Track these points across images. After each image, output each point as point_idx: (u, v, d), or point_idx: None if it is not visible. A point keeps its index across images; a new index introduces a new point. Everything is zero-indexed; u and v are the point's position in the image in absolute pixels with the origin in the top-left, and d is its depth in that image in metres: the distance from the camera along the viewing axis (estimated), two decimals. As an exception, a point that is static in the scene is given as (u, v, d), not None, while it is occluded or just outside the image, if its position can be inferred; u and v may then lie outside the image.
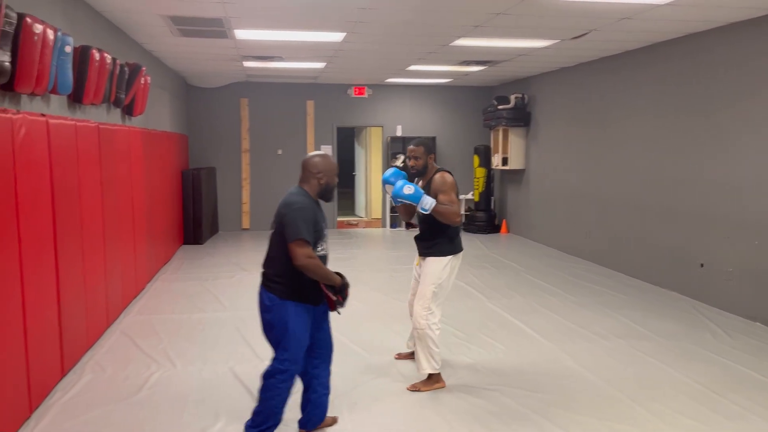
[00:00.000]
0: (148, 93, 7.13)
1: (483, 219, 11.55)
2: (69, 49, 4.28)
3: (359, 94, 11.82)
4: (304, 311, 3.27)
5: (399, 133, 12.19)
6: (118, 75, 5.82)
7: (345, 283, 3.31)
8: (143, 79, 6.73)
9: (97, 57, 4.99)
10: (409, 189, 3.93)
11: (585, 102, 8.86)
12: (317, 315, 3.38)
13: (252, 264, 8.37)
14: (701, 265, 6.43)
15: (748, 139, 5.85)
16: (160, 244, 7.97)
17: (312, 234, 3.18)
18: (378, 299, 6.54)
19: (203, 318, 5.84)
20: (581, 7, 5.44)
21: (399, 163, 11.76)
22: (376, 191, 12.67)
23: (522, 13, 5.63)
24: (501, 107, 10.77)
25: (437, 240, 4.15)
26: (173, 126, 9.69)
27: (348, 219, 12.95)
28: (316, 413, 3.49)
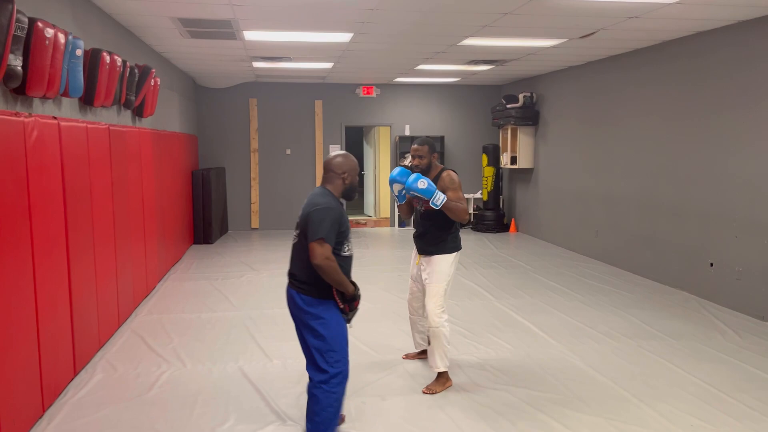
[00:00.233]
0: (157, 94, 7.19)
1: (492, 218, 11.54)
2: (80, 53, 4.33)
3: (367, 93, 11.83)
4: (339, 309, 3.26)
5: (407, 133, 12.20)
6: (128, 77, 5.87)
7: (356, 295, 3.26)
8: (153, 81, 6.78)
9: (108, 60, 5.04)
10: (423, 183, 3.98)
11: (594, 100, 8.83)
12: None
13: (261, 263, 8.43)
14: (711, 265, 6.41)
15: (758, 138, 5.82)
16: (170, 244, 8.04)
17: (334, 235, 3.15)
18: (386, 298, 6.56)
19: (213, 317, 5.88)
20: (589, 7, 5.43)
21: (407, 162, 11.77)
22: (384, 190, 12.69)
23: (530, 13, 5.64)
24: (510, 106, 10.75)
25: (443, 237, 4.23)
26: (183, 127, 9.76)
27: (356, 218, 12.98)
28: None
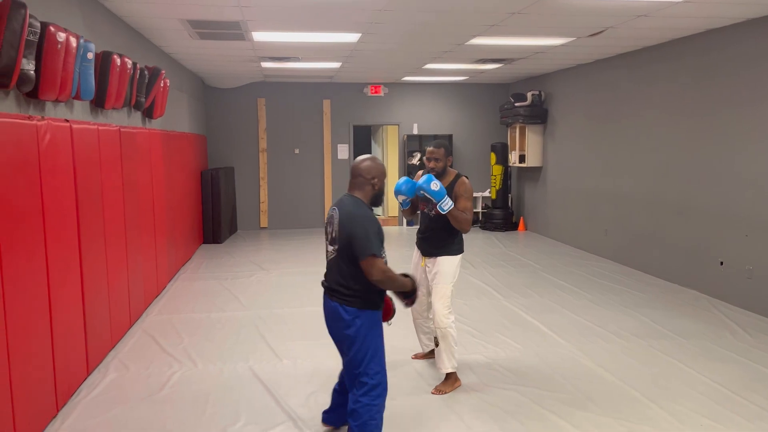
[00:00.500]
0: (167, 95, 7.24)
1: (500, 216, 11.53)
2: (91, 56, 4.37)
3: (375, 92, 11.83)
4: (379, 319, 3.24)
5: (415, 131, 12.20)
6: (138, 79, 5.92)
7: (415, 287, 3.25)
8: (163, 82, 6.83)
9: (118, 62, 5.08)
10: (436, 185, 4.01)
11: (602, 99, 8.80)
12: None
13: (271, 263, 8.46)
14: (721, 263, 6.38)
15: (767, 136, 5.78)
16: (180, 243, 8.09)
17: (381, 245, 3.10)
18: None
19: (223, 317, 5.92)
20: (597, 6, 5.42)
21: (416, 161, 11.78)
22: (392, 189, 12.65)
23: (538, 13, 5.63)
24: (518, 104, 10.73)
25: (449, 239, 4.27)
26: (192, 127, 9.81)
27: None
28: (345, 413, 3.52)
